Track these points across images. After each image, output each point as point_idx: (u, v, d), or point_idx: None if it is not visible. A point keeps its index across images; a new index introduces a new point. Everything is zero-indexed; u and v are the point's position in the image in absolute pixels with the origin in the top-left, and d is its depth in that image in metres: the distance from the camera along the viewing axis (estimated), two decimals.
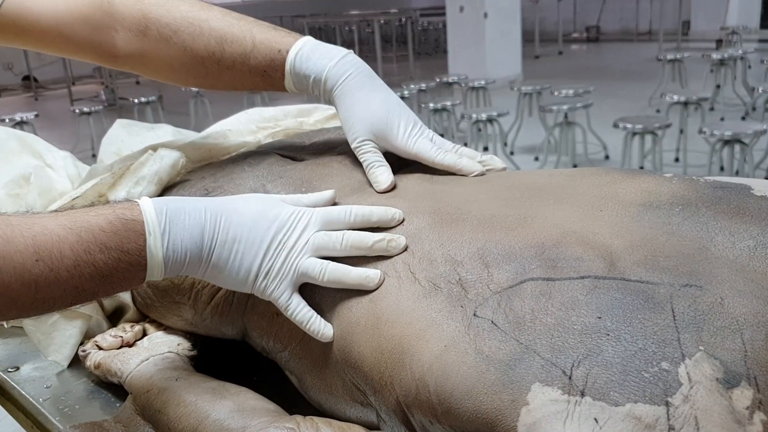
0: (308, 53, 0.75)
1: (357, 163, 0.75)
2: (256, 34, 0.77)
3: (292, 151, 0.84)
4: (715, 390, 0.39)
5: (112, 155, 1.33)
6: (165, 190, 0.83)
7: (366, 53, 10.63)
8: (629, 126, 3.70)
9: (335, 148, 0.82)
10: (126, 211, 0.57)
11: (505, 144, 4.94)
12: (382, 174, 0.70)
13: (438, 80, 6.02)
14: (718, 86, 5.59)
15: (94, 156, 5.40)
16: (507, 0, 7.65)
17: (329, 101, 0.76)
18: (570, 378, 0.42)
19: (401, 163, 0.74)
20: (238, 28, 0.78)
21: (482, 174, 0.70)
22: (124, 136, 1.39)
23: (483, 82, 5.64)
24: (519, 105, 5.20)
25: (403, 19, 10.12)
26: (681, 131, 4.23)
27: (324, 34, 12.74)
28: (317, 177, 0.74)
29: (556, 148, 4.49)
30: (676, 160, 4.41)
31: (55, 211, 0.60)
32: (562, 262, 0.50)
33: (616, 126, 3.77)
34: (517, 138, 5.14)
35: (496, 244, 0.54)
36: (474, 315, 0.50)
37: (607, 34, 11.68)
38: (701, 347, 0.41)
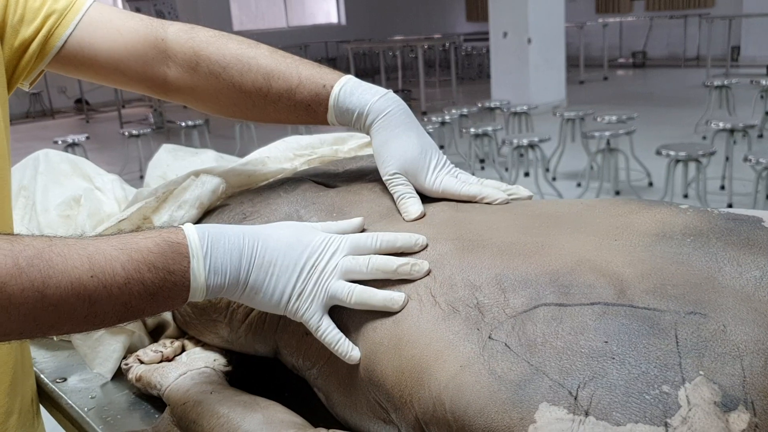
0: (351, 89, 0.80)
1: (386, 190, 0.78)
2: (302, 71, 0.82)
3: (326, 178, 0.88)
4: (713, 413, 0.41)
5: (157, 179, 1.39)
6: (206, 214, 0.88)
7: (409, 78, 10.75)
8: (672, 153, 3.66)
9: (366, 175, 0.85)
10: (172, 234, 0.61)
11: (547, 170, 4.93)
12: (412, 205, 0.73)
13: (480, 105, 6.05)
14: (767, 113, 5.50)
15: (142, 177, 5.57)
16: (551, 26, 7.66)
17: (367, 133, 0.80)
18: (576, 398, 0.45)
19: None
20: (285, 65, 0.83)
21: (506, 202, 0.73)
22: (169, 161, 1.45)
23: (525, 108, 5.65)
24: (561, 131, 5.19)
25: (447, 45, 10.19)
26: (726, 159, 4.16)
27: (368, 59, 12.94)
28: (348, 203, 0.78)
29: (599, 175, 4.46)
30: (722, 188, 4.34)
31: (107, 234, 0.64)
32: (574, 288, 0.53)
33: (659, 153, 3.74)
34: (559, 164, 5.13)
35: (513, 271, 0.57)
36: (489, 337, 0.52)
37: (654, 60, 11.58)
38: (701, 372, 0.43)
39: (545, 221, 0.65)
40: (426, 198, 0.76)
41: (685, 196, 4.19)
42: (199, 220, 0.87)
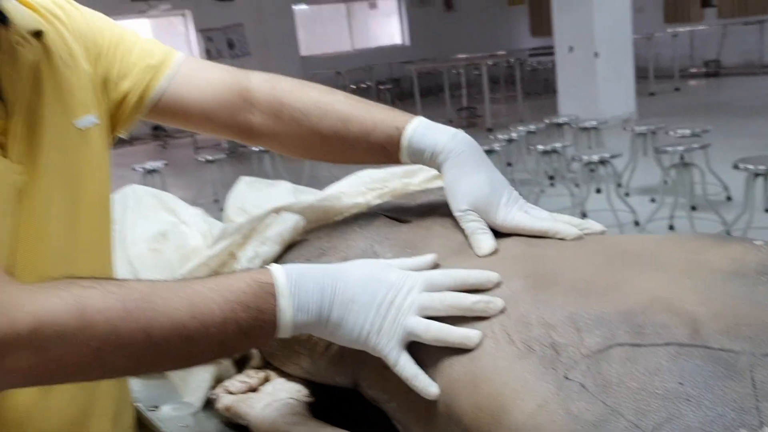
0: (423, 130, 0.83)
1: (457, 225, 0.81)
2: (376, 115, 0.86)
3: (398, 213, 0.91)
4: None
5: (237, 210, 1.46)
6: (286, 248, 0.92)
7: (474, 95, 10.73)
8: (751, 167, 3.54)
9: (437, 210, 0.88)
10: (261, 275, 0.65)
11: (619, 185, 4.83)
12: (484, 240, 0.76)
13: (547, 121, 6.00)
14: None
15: (216, 201, 5.74)
16: (619, 38, 7.54)
17: (439, 171, 0.83)
18: None
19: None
20: (360, 109, 0.87)
21: (579, 237, 0.74)
22: (247, 192, 1.52)
23: (594, 123, 5.57)
24: (633, 145, 5.09)
25: (511, 60, 10.15)
26: None
27: (432, 78, 12.99)
28: (420, 239, 0.81)
29: (674, 190, 4.35)
30: None
31: (201, 277, 0.69)
32: (648, 328, 0.54)
33: (736, 167, 3.62)
34: (632, 179, 5.03)
35: (587, 310, 0.58)
36: (565, 377, 0.54)
37: (728, 68, 11.20)
38: None
39: (618, 258, 0.66)
40: (497, 233, 0.78)
41: (767, 210, 4.04)
42: (280, 255, 0.91)
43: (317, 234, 0.92)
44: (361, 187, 1.07)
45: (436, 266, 0.73)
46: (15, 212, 0.73)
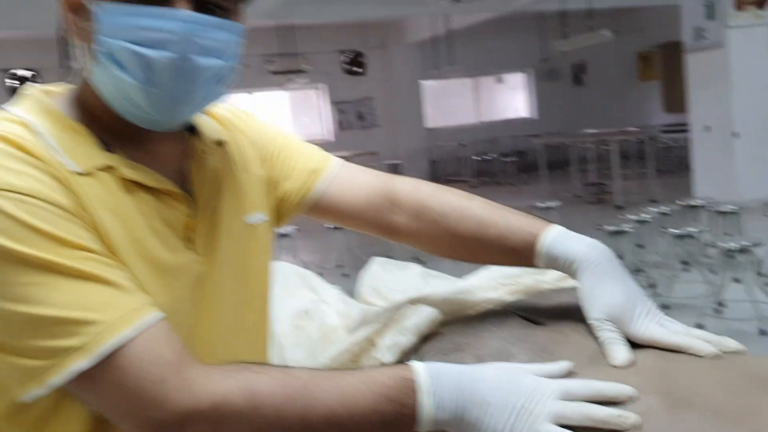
0: (560, 238, 0.87)
1: (591, 333, 0.83)
2: (512, 220, 0.91)
3: (532, 314, 0.94)
4: None
5: (370, 289, 1.54)
6: (422, 339, 0.97)
7: (603, 170, 10.52)
8: None
9: (571, 314, 0.91)
10: (404, 371, 0.71)
11: (760, 274, 4.55)
12: (620, 351, 0.78)
13: (681, 203, 5.78)
14: None
15: (338, 266, 5.91)
16: (760, 118, 7.22)
17: (574, 278, 0.86)
18: None
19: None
20: (497, 214, 0.93)
21: (715, 356, 0.75)
22: (380, 273, 1.60)
23: (733, 207, 5.31)
24: None
25: (642, 137, 9.91)
26: None
27: (559, 151, 12.89)
28: (555, 344, 0.84)
29: None
30: None
31: (350, 369, 0.76)
32: None
33: None
34: None
35: None
36: None
37: None
38: None
39: (755, 383, 0.66)
40: (632, 344, 0.80)
41: None
42: (416, 346, 0.97)
43: (452, 328, 0.96)
44: (493, 282, 1.11)
45: (570, 374, 0.76)
46: (195, 298, 0.83)
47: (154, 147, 0.84)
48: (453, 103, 13.91)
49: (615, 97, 14.45)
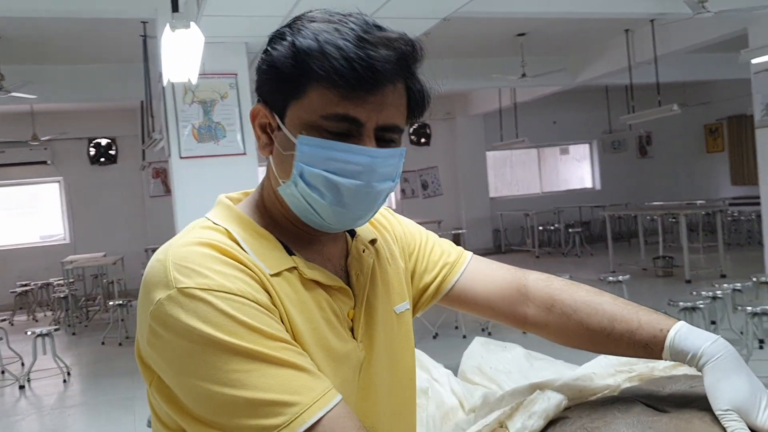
0: (686, 334, 0.97)
1: (715, 421, 0.91)
2: (641, 317, 1.01)
3: (653, 401, 1.03)
4: None
5: (473, 368, 1.64)
6: (549, 423, 1.07)
7: (669, 243, 10.39)
8: None
9: (692, 403, 0.99)
10: None
11: None
12: None
13: (755, 279, 5.69)
14: None
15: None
16: None
17: (699, 371, 0.95)
18: None
19: None
20: (626, 310, 1.03)
21: None
22: (483, 353, 1.70)
23: None
24: None
25: (711, 210, 9.77)
26: None
27: (623, 223, 12.78)
28: (681, 431, 0.93)
29: None
30: None
31: None
32: None
33: None
34: None
35: None
36: None
37: None
38: None
39: None
40: None
41: None
42: (544, 429, 1.06)
43: (578, 413, 1.06)
44: (610, 368, 1.21)
45: None
46: (358, 382, 0.96)
47: (324, 248, 1.00)
48: (516, 173, 14.02)
49: (681, 169, 14.34)
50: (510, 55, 9.07)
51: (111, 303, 7.67)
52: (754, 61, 5.51)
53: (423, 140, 13.11)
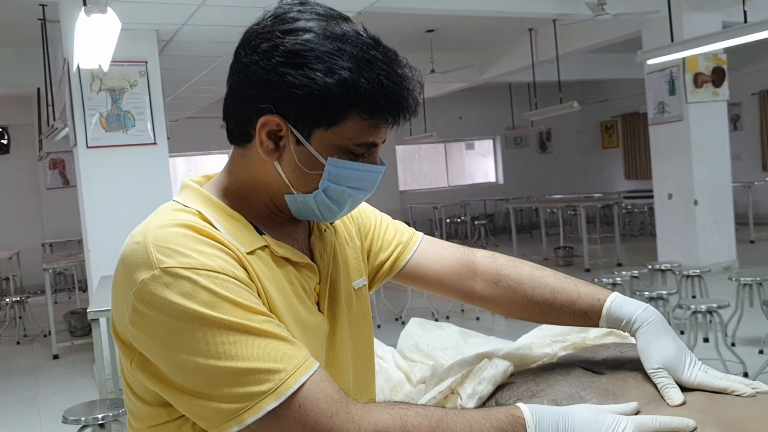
0: (620, 303, 1.07)
1: (647, 379, 1.02)
2: (581, 288, 1.11)
3: (590, 365, 1.13)
4: None
5: (410, 347, 1.71)
6: (497, 388, 1.15)
7: (569, 234, 10.89)
8: None
9: (624, 365, 1.10)
10: (514, 410, 0.89)
11: (726, 334, 4.83)
12: (676, 393, 0.97)
13: (650, 267, 6.09)
14: None
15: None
16: (718, 187, 7.66)
17: (632, 336, 1.06)
18: None
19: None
20: (566, 283, 1.13)
21: (752, 395, 0.95)
22: (420, 332, 1.78)
23: (698, 271, 5.63)
24: (739, 295, 5.11)
25: (609, 202, 10.34)
26: None
27: (526, 215, 13.28)
28: (618, 389, 1.03)
29: None
30: None
31: (469, 408, 0.93)
32: None
33: None
34: (738, 329, 5.01)
35: None
36: None
37: None
38: None
39: None
40: (682, 388, 0.99)
41: None
42: (492, 394, 1.15)
43: (523, 378, 1.15)
44: (546, 339, 1.31)
45: (637, 412, 0.94)
46: (326, 351, 1.01)
47: (291, 229, 1.05)
48: (424, 167, 14.30)
49: (578, 164, 15.04)
50: (419, 51, 9.23)
51: (6, 300, 7.28)
52: (650, 61, 5.87)
53: None
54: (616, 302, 1.08)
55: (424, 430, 0.84)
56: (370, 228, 1.21)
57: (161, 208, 0.98)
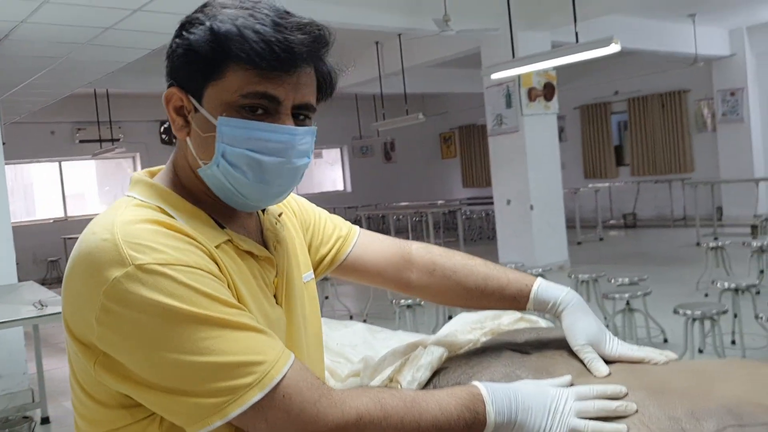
0: (545, 287, 1.18)
1: (571, 355, 1.14)
2: (509, 275, 1.21)
3: (516, 347, 1.24)
4: None
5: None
6: (434, 373, 1.22)
7: (415, 239, 11.28)
8: (689, 312, 4.05)
9: (546, 345, 1.21)
10: (472, 389, 0.96)
11: None
12: (602, 366, 1.09)
13: None
14: (762, 272, 5.98)
15: None
16: (550, 193, 8.32)
17: (556, 316, 1.17)
18: None
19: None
20: (496, 271, 1.22)
21: (666, 363, 1.09)
22: (326, 331, 1.80)
23: (540, 269, 6.09)
24: (577, 291, 5.59)
25: (453, 209, 10.86)
26: (735, 315, 4.55)
27: (373, 222, 13.60)
28: (549, 365, 1.13)
29: (621, 333, 4.81)
30: (733, 342, 4.69)
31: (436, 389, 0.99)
32: (745, 416, 0.88)
33: (676, 312, 4.12)
34: None
35: (699, 406, 0.92)
36: None
37: (644, 221, 12.31)
38: None
39: (701, 374, 1.01)
40: (606, 361, 1.12)
41: (700, 351, 4.52)
42: (430, 379, 1.21)
43: (457, 363, 1.23)
44: (466, 326, 1.40)
45: (572, 384, 1.05)
46: (285, 342, 1.03)
47: (244, 222, 1.05)
48: None
49: (420, 173, 15.64)
50: None
51: None
52: (493, 76, 6.27)
53: (176, 140, 12.67)
54: (541, 287, 1.19)
55: (401, 410, 0.89)
56: (310, 223, 1.24)
57: (117, 203, 0.95)
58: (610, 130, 12.95)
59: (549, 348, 1.20)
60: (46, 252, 11.38)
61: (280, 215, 1.14)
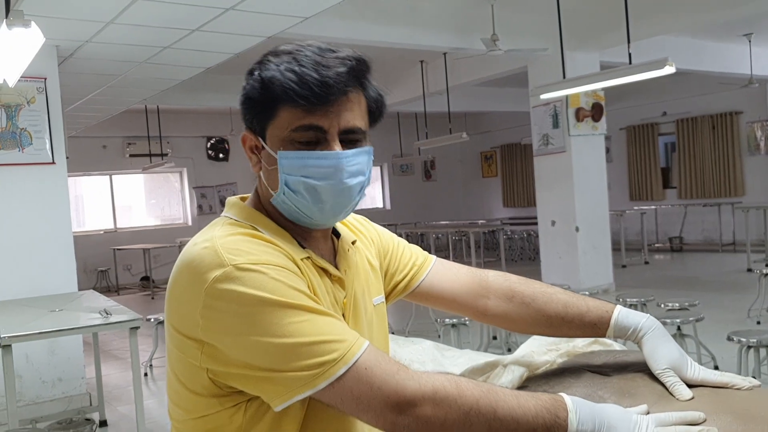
0: (626, 314, 1.21)
1: (653, 379, 1.16)
2: (589, 303, 1.24)
3: (596, 368, 1.26)
4: None
5: None
6: None
7: (455, 258, 11.29)
8: (743, 339, 3.98)
9: (627, 368, 1.23)
10: (556, 396, 0.98)
11: None
12: (684, 390, 1.10)
13: None
14: None
15: None
16: (596, 214, 8.25)
17: (636, 342, 1.19)
18: None
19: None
20: (575, 298, 1.25)
21: (750, 388, 1.10)
22: (395, 348, 1.86)
23: (587, 292, 6.04)
24: None
25: (494, 229, 10.84)
26: None
27: (412, 240, 13.61)
28: (632, 387, 1.16)
29: None
30: None
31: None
32: None
33: (730, 339, 4.06)
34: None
35: None
36: None
37: (691, 245, 12.10)
38: None
39: None
40: (688, 385, 1.13)
41: (753, 377, 4.44)
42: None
43: (537, 383, 1.26)
44: (542, 348, 1.42)
45: (647, 413, 1.06)
46: None
47: (318, 245, 1.14)
48: None
49: (460, 192, 15.65)
50: None
51: None
52: (543, 96, 6.29)
53: (221, 155, 12.93)
54: (622, 314, 1.22)
55: (477, 393, 0.94)
56: (388, 251, 1.31)
57: (215, 222, 1.09)
58: (658, 151, 12.80)
59: (629, 371, 1.22)
60: (96, 262, 11.67)
61: (353, 242, 1.20)
